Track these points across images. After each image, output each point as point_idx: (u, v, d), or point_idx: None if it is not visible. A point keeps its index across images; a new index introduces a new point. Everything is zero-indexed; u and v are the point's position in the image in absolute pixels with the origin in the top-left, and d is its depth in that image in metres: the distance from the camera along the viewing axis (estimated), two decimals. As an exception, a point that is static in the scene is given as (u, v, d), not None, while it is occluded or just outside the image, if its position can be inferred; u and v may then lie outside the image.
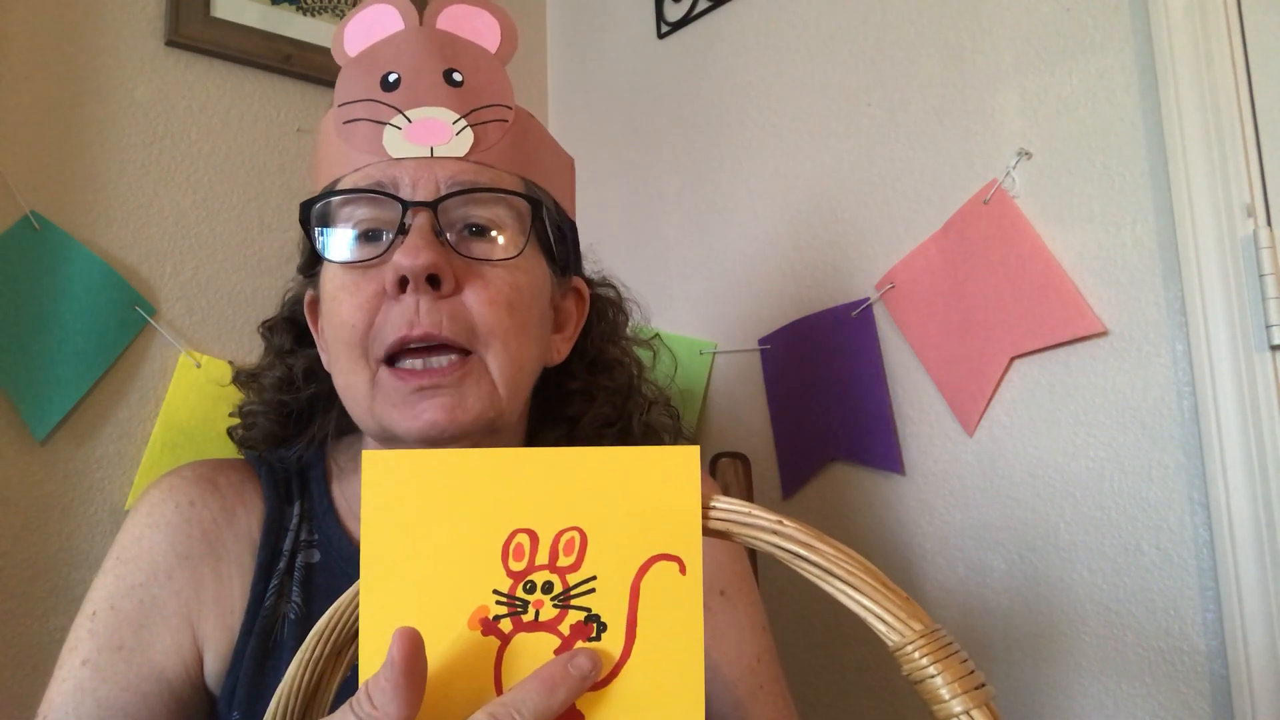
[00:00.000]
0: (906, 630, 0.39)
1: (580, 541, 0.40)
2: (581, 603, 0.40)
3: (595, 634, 0.40)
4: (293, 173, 1.21)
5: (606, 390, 0.79)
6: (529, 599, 0.40)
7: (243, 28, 1.18)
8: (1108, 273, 0.89)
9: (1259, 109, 0.81)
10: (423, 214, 0.63)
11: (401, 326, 0.62)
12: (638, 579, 0.40)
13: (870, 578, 0.40)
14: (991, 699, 0.39)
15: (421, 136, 0.65)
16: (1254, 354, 0.79)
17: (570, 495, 0.40)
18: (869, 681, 1.05)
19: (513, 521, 0.40)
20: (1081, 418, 0.90)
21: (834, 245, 1.11)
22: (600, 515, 0.40)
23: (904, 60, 1.06)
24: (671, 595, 0.40)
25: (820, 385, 1.11)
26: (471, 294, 0.64)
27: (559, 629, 0.40)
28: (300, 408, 0.77)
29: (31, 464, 1.00)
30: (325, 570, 0.71)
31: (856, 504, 1.08)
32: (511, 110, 0.68)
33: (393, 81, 0.66)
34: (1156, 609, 0.85)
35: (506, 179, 0.67)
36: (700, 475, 0.40)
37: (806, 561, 0.41)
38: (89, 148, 1.07)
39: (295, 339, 0.78)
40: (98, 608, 0.66)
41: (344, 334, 0.64)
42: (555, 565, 0.40)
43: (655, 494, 0.40)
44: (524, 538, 0.40)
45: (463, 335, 0.63)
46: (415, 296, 0.62)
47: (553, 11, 1.55)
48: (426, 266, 0.61)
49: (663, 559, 0.40)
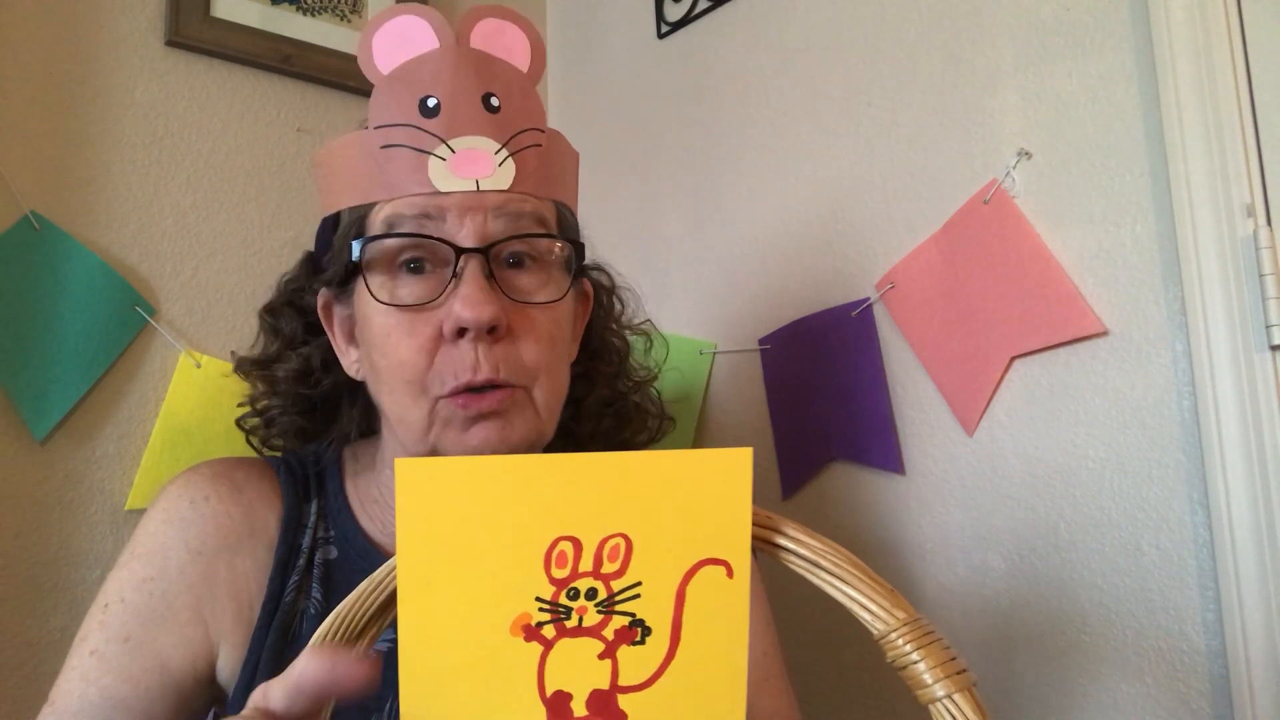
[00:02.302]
0: (890, 619, 0.41)
1: (625, 548, 0.40)
2: (626, 608, 0.40)
3: (640, 638, 0.40)
4: (292, 173, 1.21)
5: (605, 375, 0.82)
6: (572, 605, 0.40)
7: (243, 28, 1.18)
8: (1108, 273, 0.89)
9: (1259, 109, 0.81)
10: (476, 259, 0.65)
11: (465, 372, 0.64)
12: (684, 583, 0.40)
13: (856, 570, 0.42)
14: (973, 684, 0.40)
15: (466, 169, 0.65)
16: (1254, 354, 0.79)
17: (615, 501, 0.40)
18: (864, 680, 1.05)
19: (556, 529, 0.40)
20: (1081, 418, 0.90)
21: (834, 245, 1.12)
22: (647, 520, 0.40)
23: (904, 60, 1.06)
24: (718, 599, 0.40)
25: (820, 385, 1.11)
26: (521, 334, 0.67)
27: (603, 634, 0.40)
28: (321, 398, 0.78)
29: (31, 464, 1.00)
30: (342, 566, 0.72)
31: (856, 504, 1.08)
32: (544, 134, 0.69)
33: (433, 107, 0.66)
34: (1156, 609, 0.85)
35: (544, 208, 0.69)
36: (750, 476, 0.40)
37: (796, 556, 0.42)
38: (89, 148, 1.07)
39: (305, 328, 0.78)
40: (110, 600, 0.67)
41: (404, 373, 0.66)
42: (599, 572, 0.40)
43: (705, 497, 0.40)
44: (567, 545, 0.40)
45: (516, 376, 0.66)
46: (474, 344, 0.64)
47: (553, 11, 1.55)
48: (491, 319, 0.63)
49: (710, 563, 0.40)
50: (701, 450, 0.41)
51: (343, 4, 1.27)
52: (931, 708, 0.40)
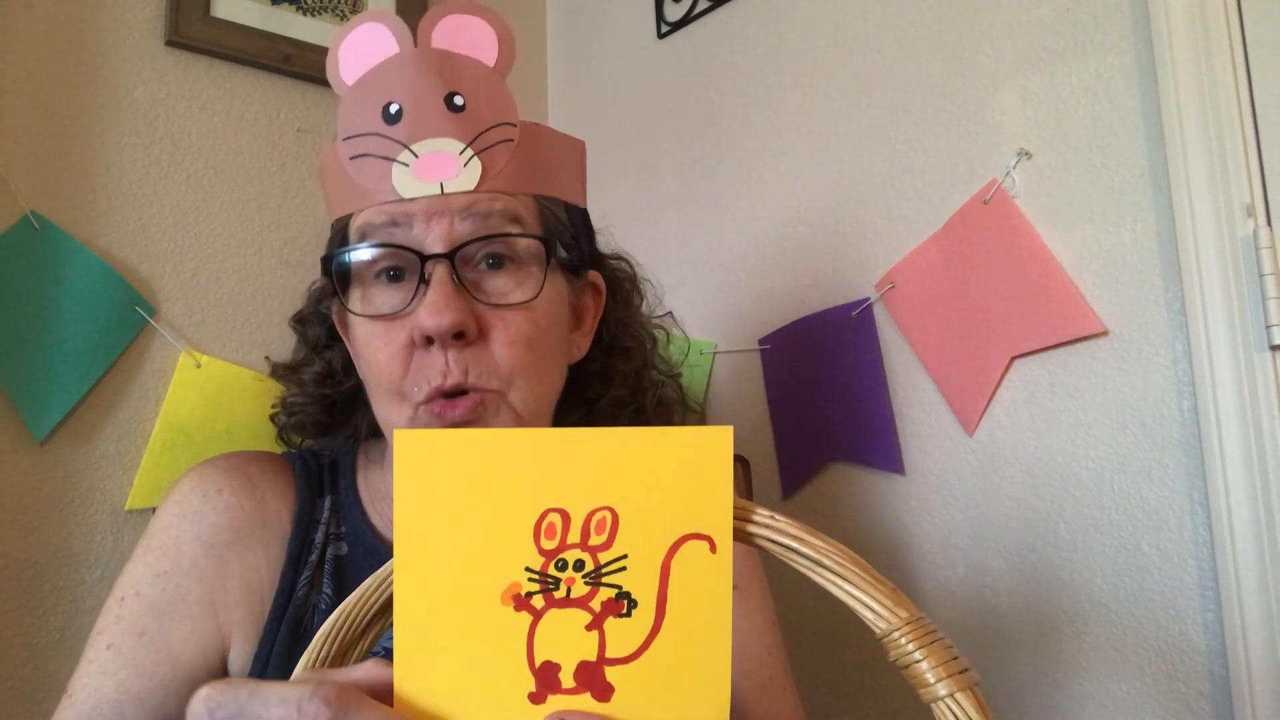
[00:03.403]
0: (893, 618, 0.41)
1: (612, 521, 0.41)
2: (613, 580, 0.41)
3: (626, 610, 0.40)
4: (292, 173, 1.21)
5: (622, 373, 0.81)
6: (560, 576, 0.40)
7: (243, 28, 1.18)
8: (1108, 273, 0.89)
9: (1259, 109, 0.81)
10: (442, 265, 0.64)
11: (435, 377, 0.64)
12: (669, 557, 0.40)
13: (859, 569, 0.42)
14: (975, 683, 0.40)
15: (430, 172, 0.65)
16: (1254, 354, 0.79)
17: (602, 475, 0.41)
18: (866, 680, 1.05)
19: (545, 501, 0.41)
20: (1081, 418, 0.90)
21: (834, 245, 1.12)
22: (632, 495, 0.41)
23: (904, 60, 1.06)
24: (702, 573, 0.40)
25: (820, 385, 1.11)
26: (494, 337, 0.66)
27: (590, 605, 0.41)
28: (342, 397, 0.80)
29: (31, 464, 1.00)
30: (352, 562, 0.73)
31: (856, 504, 1.08)
32: (515, 127, 0.68)
33: (394, 113, 0.66)
34: (1156, 609, 0.85)
35: (518, 205, 0.68)
36: (730, 454, 0.41)
37: (798, 554, 0.43)
38: (89, 148, 1.07)
39: (329, 333, 0.80)
40: (125, 593, 0.68)
41: (384, 380, 0.67)
42: (587, 544, 0.41)
43: (687, 474, 0.41)
44: (556, 517, 0.41)
45: (488, 380, 0.66)
46: (443, 350, 0.64)
47: (553, 12, 1.55)
48: (451, 326, 0.63)
49: (694, 538, 0.40)
50: (684, 428, 0.41)
51: (343, 4, 1.27)
52: (934, 707, 0.40)
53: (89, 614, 1.00)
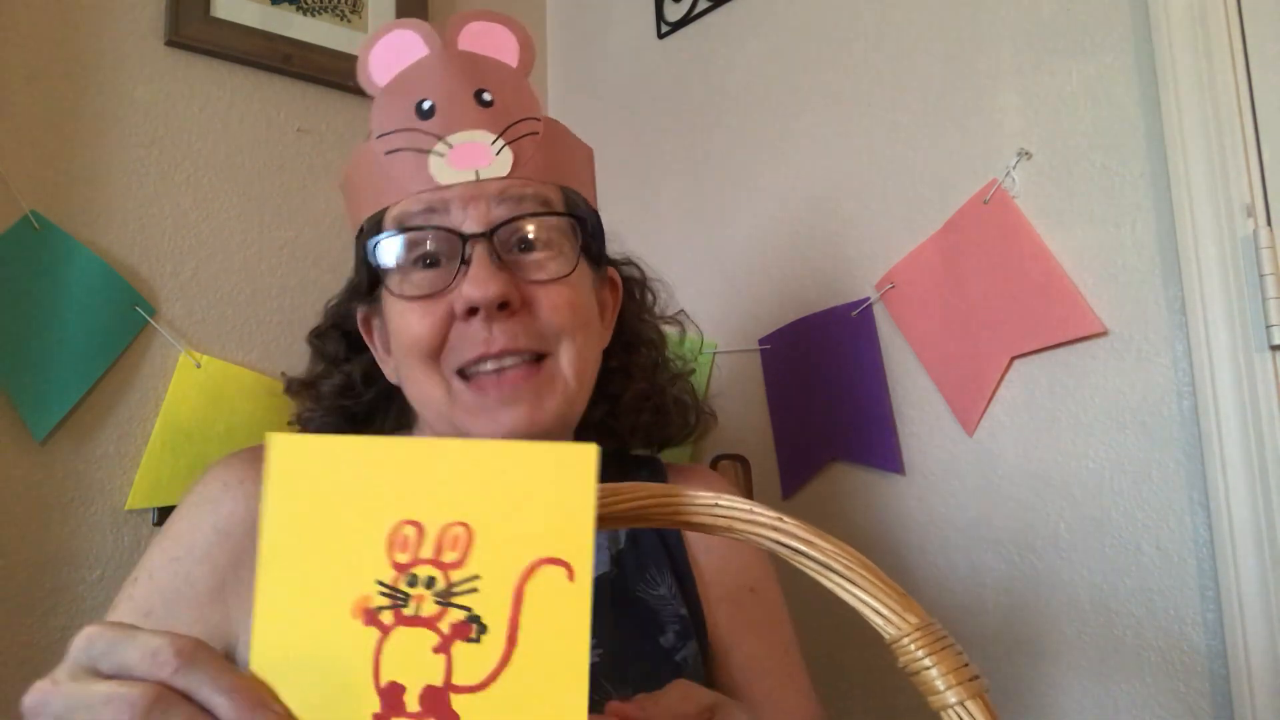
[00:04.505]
0: (902, 623, 0.40)
1: (466, 538, 0.39)
2: (463, 601, 0.38)
3: (475, 635, 0.38)
4: (292, 173, 1.21)
5: (641, 368, 0.83)
6: (410, 593, 0.39)
7: (243, 28, 1.18)
8: (1108, 273, 0.89)
9: (1259, 109, 0.81)
10: (481, 244, 0.67)
11: (479, 345, 0.67)
12: (522, 582, 0.38)
13: (868, 573, 0.41)
14: (985, 690, 0.39)
15: (465, 161, 0.68)
16: (1254, 354, 0.79)
17: (460, 489, 0.39)
18: (869, 682, 1.05)
19: (400, 511, 0.39)
20: (1081, 418, 0.90)
21: (834, 245, 1.12)
22: (489, 512, 0.39)
23: (904, 60, 1.06)
24: (557, 601, 0.38)
25: (820, 385, 1.11)
26: (538, 305, 0.69)
27: (439, 626, 0.38)
28: (362, 410, 0.82)
29: (31, 464, 1.00)
30: None
31: (856, 504, 1.08)
32: (540, 122, 0.71)
33: (427, 109, 0.69)
34: (1156, 609, 0.85)
35: (548, 190, 0.71)
36: (595, 476, 0.38)
37: (806, 557, 0.42)
38: (89, 148, 1.07)
39: (348, 347, 0.82)
40: (139, 575, 0.69)
41: (418, 349, 0.69)
42: (439, 560, 0.39)
43: (548, 494, 0.38)
44: (410, 529, 0.39)
45: (536, 342, 0.68)
46: (487, 322, 0.67)
47: (553, 11, 1.55)
48: (498, 296, 0.65)
49: (550, 563, 0.38)
50: (545, 444, 0.39)
51: (343, 4, 1.27)
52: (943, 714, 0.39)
53: (89, 614, 1.00)
